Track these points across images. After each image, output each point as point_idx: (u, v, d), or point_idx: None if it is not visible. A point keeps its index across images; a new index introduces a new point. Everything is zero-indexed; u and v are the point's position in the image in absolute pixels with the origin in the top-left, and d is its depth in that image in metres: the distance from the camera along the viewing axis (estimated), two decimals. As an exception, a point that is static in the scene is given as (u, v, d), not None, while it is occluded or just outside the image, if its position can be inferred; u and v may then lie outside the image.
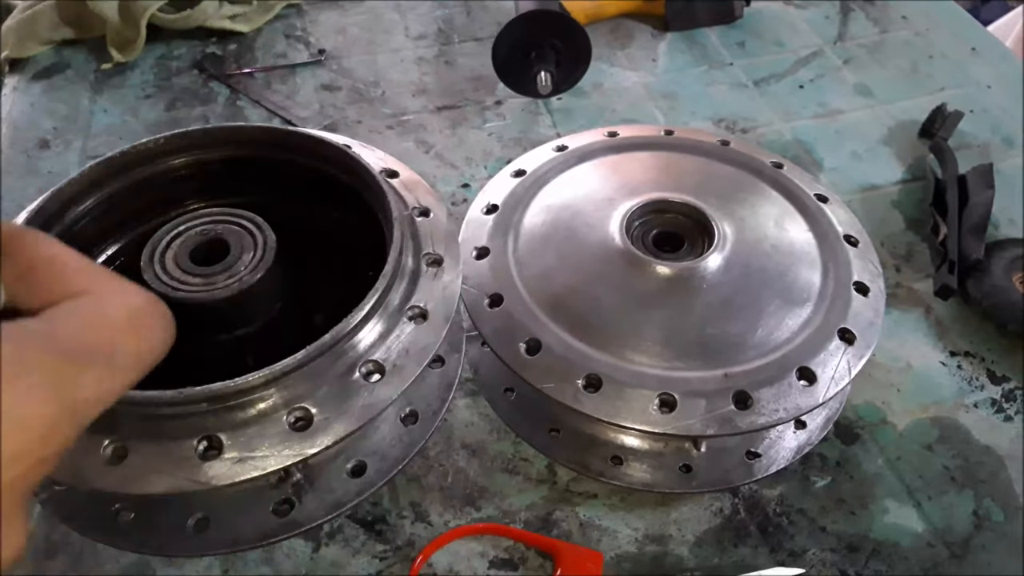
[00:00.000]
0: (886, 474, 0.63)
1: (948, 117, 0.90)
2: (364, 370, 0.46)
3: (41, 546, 0.58)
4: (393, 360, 0.47)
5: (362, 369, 0.46)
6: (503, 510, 0.60)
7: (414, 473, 0.62)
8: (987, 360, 0.71)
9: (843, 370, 0.55)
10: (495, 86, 0.95)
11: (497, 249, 0.62)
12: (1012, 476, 0.63)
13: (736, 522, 0.60)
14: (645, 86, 0.99)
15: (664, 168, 0.69)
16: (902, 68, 1.02)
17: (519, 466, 0.63)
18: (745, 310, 0.57)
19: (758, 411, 0.52)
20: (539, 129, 0.92)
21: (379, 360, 0.46)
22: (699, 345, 0.56)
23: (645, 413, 0.52)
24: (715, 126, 0.93)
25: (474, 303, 0.59)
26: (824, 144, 0.91)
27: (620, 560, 0.58)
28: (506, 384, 0.65)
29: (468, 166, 0.87)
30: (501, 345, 0.56)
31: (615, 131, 0.72)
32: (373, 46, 1.04)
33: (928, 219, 0.81)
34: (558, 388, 0.54)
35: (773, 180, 0.67)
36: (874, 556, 0.58)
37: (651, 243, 0.62)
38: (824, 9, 1.12)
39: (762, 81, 1.00)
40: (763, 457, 0.60)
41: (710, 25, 1.07)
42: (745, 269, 0.59)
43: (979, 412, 0.67)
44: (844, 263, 0.61)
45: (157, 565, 0.57)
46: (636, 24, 1.08)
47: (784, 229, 0.63)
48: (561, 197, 0.66)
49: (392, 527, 0.59)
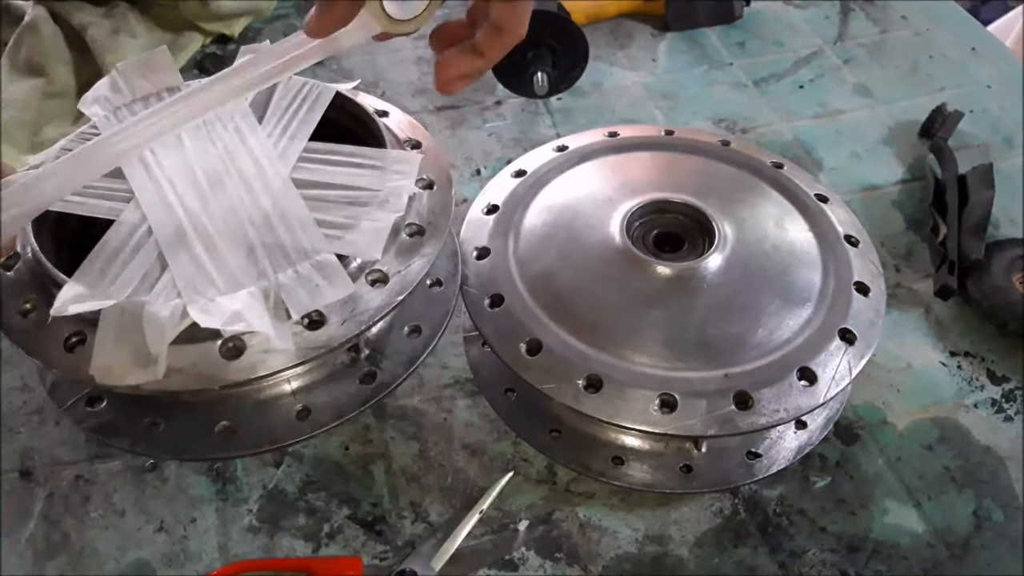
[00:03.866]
0: (886, 474, 0.63)
1: (948, 117, 0.90)
2: (408, 231, 0.56)
3: (41, 546, 0.58)
4: (426, 219, 0.57)
5: (407, 231, 0.56)
6: (503, 510, 0.60)
7: (414, 473, 0.62)
8: (987, 360, 0.71)
9: (844, 370, 0.55)
10: (495, 86, 0.95)
11: (498, 249, 0.62)
12: (1012, 476, 0.63)
13: (736, 522, 0.60)
14: (645, 86, 0.99)
15: (664, 168, 0.69)
16: (902, 68, 1.02)
17: (519, 466, 0.63)
18: (746, 310, 0.57)
19: (759, 411, 0.52)
20: (539, 129, 0.92)
21: (416, 222, 0.57)
22: (700, 345, 0.56)
23: (646, 413, 0.53)
24: (715, 126, 0.93)
25: (475, 303, 0.59)
26: (824, 144, 0.91)
27: (620, 560, 0.58)
28: (506, 384, 0.65)
29: (468, 166, 0.87)
30: (502, 345, 0.56)
31: (615, 131, 0.72)
32: (373, 46, 1.04)
33: (928, 219, 0.81)
34: (559, 388, 0.54)
35: (773, 180, 0.67)
36: (874, 556, 0.58)
37: (651, 243, 0.62)
38: (824, 9, 1.12)
39: (762, 81, 1.00)
40: (764, 457, 0.60)
41: (710, 25, 1.07)
42: (745, 269, 0.59)
43: (979, 412, 0.67)
44: (845, 263, 0.61)
45: (157, 565, 0.57)
46: (636, 24, 1.08)
47: (784, 229, 0.63)
48: (562, 197, 0.66)
49: (392, 527, 0.59)
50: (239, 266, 0.52)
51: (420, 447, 0.64)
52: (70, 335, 0.51)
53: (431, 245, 0.56)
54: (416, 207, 0.58)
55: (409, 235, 0.57)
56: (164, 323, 0.48)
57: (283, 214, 0.55)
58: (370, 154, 0.59)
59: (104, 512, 0.60)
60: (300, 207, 0.56)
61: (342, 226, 0.54)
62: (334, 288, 0.52)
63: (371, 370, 0.60)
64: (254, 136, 0.61)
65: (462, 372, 0.68)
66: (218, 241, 0.54)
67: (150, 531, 0.59)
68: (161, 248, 0.53)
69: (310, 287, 0.51)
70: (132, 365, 0.48)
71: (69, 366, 0.50)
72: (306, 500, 0.61)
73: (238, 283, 0.51)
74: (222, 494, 0.61)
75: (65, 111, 0.89)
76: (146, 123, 0.53)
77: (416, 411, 0.66)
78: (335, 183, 0.58)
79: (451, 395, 0.67)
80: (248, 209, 0.56)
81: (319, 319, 0.51)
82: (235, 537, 0.59)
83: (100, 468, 0.62)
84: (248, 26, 1.04)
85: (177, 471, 0.62)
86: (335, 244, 0.53)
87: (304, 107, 0.63)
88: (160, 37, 0.97)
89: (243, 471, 0.62)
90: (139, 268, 0.52)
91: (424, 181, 0.60)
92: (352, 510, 0.60)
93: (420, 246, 0.56)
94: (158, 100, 0.64)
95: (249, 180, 0.58)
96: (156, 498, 0.60)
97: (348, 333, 0.51)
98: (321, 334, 0.51)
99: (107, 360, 0.48)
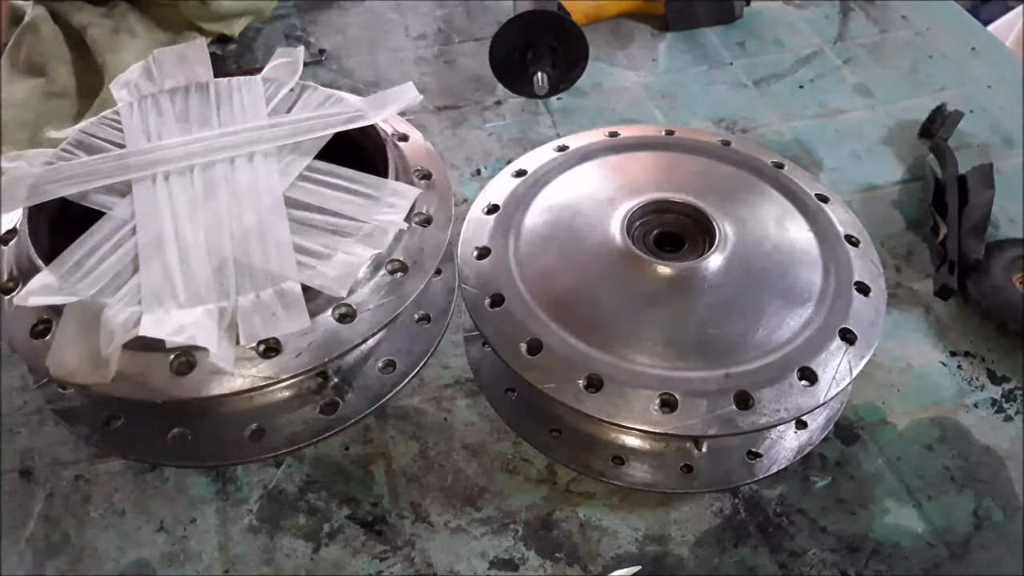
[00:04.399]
0: (886, 474, 0.63)
1: (948, 117, 0.90)
2: (390, 268, 0.55)
3: (41, 546, 0.58)
4: (412, 257, 0.56)
5: (388, 267, 0.55)
6: (503, 510, 0.60)
7: (414, 473, 0.62)
8: (987, 360, 0.71)
9: (844, 370, 0.55)
10: (495, 86, 0.95)
11: (498, 249, 0.62)
12: (1012, 476, 0.63)
13: (736, 522, 0.60)
14: (645, 86, 0.99)
15: (665, 168, 0.69)
16: (902, 68, 1.02)
17: (519, 466, 0.63)
18: (746, 310, 0.57)
19: (759, 411, 0.52)
20: (539, 129, 0.92)
21: (400, 259, 0.56)
22: (700, 345, 0.56)
23: (646, 413, 0.53)
24: (715, 126, 0.93)
25: (475, 303, 0.59)
26: (824, 144, 0.91)
27: (620, 560, 0.58)
28: (507, 384, 0.64)
29: (468, 166, 0.87)
30: (502, 345, 0.56)
31: (616, 131, 0.72)
32: (373, 46, 1.04)
33: (928, 219, 0.81)
34: (559, 388, 0.54)
35: (774, 180, 0.67)
36: (874, 556, 0.58)
37: (652, 243, 0.62)
38: (824, 9, 1.12)
39: (762, 81, 1.00)
40: (764, 457, 0.60)
41: (710, 25, 1.07)
42: (746, 269, 0.59)
43: (979, 412, 0.67)
44: (845, 263, 0.61)
45: (157, 565, 0.57)
46: (636, 24, 1.08)
47: (785, 229, 0.63)
48: (562, 197, 0.66)
49: (392, 527, 0.59)
50: (205, 282, 0.52)
51: (420, 447, 0.64)
52: (37, 322, 0.51)
53: (411, 284, 0.55)
54: (405, 243, 0.57)
55: (391, 271, 0.55)
56: (116, 327, 0.48)
57: (263, 233, 0.54)
58: (369, 182, 0.58)
59: (104, 512, 0.60)
60: (282, 228, 0.55)
61: (317, 255, 0.53)
62: (290, 320, 0.51)
63: (334, 400, 0.59)
64: (261, 146, 0.60)
65: (462, 372, 0.68)
66: (192, 252, 0.53)
67: (150, 531, 0.59)
68: (138, 251, 0.53)
69: (266, 315, 0.51)
70: (86, 364, 0.48)
71: (32, 352, 0.51)
72: (306, 500, 0.61)
73: (200, 299, 0.51)
74: (222, 494, 0.61)
75: (65, 111, 0.89)
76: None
77: (416, 411, 0.66)
78: (325, 207, 0.56)
79: (451, 395, 0.67)
80: (232, 223, 0.55)
81: (275, 347, 0.51)
82: (235, 537, 0.59)
83: (100, 468, 0.62)
84: (248, 26, 1.04)
85: (178, 471, 0.62)
86: (304, 274, 0.52)
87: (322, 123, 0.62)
88: (160, 37, 0.97)
89: (243, 471, 0.62)
90: (113, 267, 0.53)
91: (422, 216, 0.58)
92: (352, 510, 0.60)
93: (399, 285, 0.55)
94: (185, 95, 0.64)
95: (241, 194, 0.57)
96: (156, 498, 0.60)
97: (301, 366, 0.50)
98: (274, 363, 0.50)
99: (63, 355, 0.49)
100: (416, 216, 0.58)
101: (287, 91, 0.65)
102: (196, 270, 0.52)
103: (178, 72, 0.65)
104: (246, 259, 0.53)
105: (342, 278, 0.52)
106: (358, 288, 0.53)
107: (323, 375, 0.59)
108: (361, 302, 0.53)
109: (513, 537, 0.59)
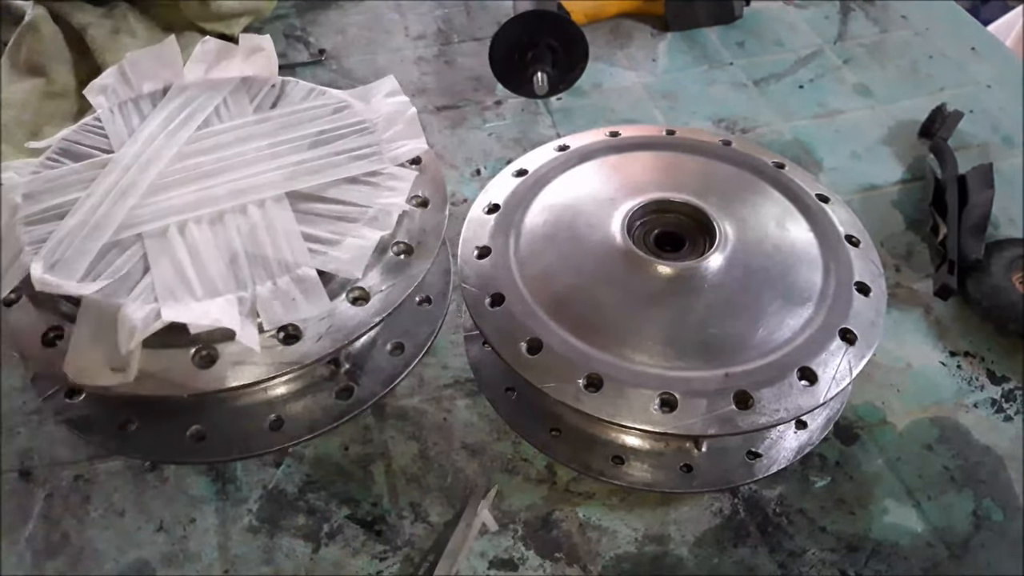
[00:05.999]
0: (886, 474, 0.63)
1: (948, 117, 0.90)
2: (396, 250, 0.57)
3: (41, 546, 0.58)
4: (416, 238, 0.58)
5: (394, 249, 0.57)
6: (503, 510, 0.60)
7: (414, 473, 0.62)
8: (987, 360, 0.71)
9: (844, 370, 0.55)
10: (495, 86, 0.95)
11: (498, 249, 0.62)
12: (1012, 476, 0.63)
13: (736, 522, 0.60)
14: (645, 86, 0.99)
15: (665, 168, 0.69)
16: (902, 68, 1.02)
17: (519, 466, 0.63)
18: (746, 310, 0.57)
19: (759, 411, 0.52)
20: (539, 129, 0.92)
21: (405, 241, 0.57)
22: (700, 345, 0.56)
23: (646, 413, 0.53)
24: (715, 126, 0.93)
25: (475, 302, 0.59)
26: (824, 144, 0.91)
27: (620, 560, 0.58)
28: (507, 384, 0.64)
29: (468, 166, 0.87)
30: (502, 345, 0.56)
31: (616, 131, 0.72)
32: (373, 46, 1.04)
33: (928, 219, 0.81)
34: (559, 388, 0.54)
35: (774, 180, 0.67)
36: (874, 556, 0.58)
37: (652, 243, 0.62)
38: (824, 9, 1.12)
39: (762, 81, 1.00)
40: (764, 457, 0.60)
41: (710, 25, 1.07)
42: (746, 269, 0.59)
43: (979, 412, 0.67)
44: (845, 263, 0.61)
45: (157, 565, 0.57)
46: (636, 24, 1.08)
47: (785, 229, 0.63)
48: (563, 197, 0.66)
49: (392, 527, 0.59)
50: (219, 274, 0.52)
51: (420, 447, 0.64)
52: (48, 330, 0.51)
53: (418, 265, 0.56)
54: (407, 225, 0.58)
55: (396, 253, 0.57)
56: (137, 323, 0.48)
57: (271, 224, 0.55)
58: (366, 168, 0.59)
59: (104, 512, 0.60)
60: (288, 218, 0.55)
61: (327, 241, 0.54)
62: (310, 304, 0.51)
63: (348, 385, 0.60)
64: (261, 141, 0.61)
65: (462, 372, 0.68)
66: (201, 248, 0.53)
67: (150, 531, 0.59)
68: (146, 249, 0.53)
69: (286, 301, 0.51)
70: (105, 366, 0.48)
71: (46, 361, 0.50)
72: (306, 500, 0.61)
73: (217, 291, 0.51)
74: (222, 494, 0.61)
75: (65, 111, 0.89)
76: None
77: (416, 411, 0.66)
78: (327, 196, 0.57)
79: (451, 395, 0.67)
80: (237, 216, 0.56)
81: (295, 333, 0.51)
82: (235, 537, 0.59)
83: (100, 468, 0.62)
84: (248, 26, 1.04)
85: (177, 471, 0.62)
86: (317, 259, 0.53)
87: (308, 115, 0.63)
88: (160, 37, 0.97)
89: (243, 471, 0.62)
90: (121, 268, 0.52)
91: (418, 199, 0.60)
92: (352, 510, 0.60)
93: (407, 265, 0.56)
94: (163, 97, 0.64)
95: (244, 188, 0.57)
96: (156, 498, 0.60)
97: (323, 350, 0.51)
98: (295, 349, 0.51)
99: (81, 359, 0.49)
100: (413, 199, 0.59)
101: (268, 87, 0.66)
102: (208, 264, 0.53)
103: (153, 74, 0.65)
104: (257, 251, 0.53)
105: (355, 260, 0.53)
106: (368, 271, 0.54)
107: (335, 362, 0.60)
108: (373, 284, 0.54)
109: (513, 537, 0.59)
